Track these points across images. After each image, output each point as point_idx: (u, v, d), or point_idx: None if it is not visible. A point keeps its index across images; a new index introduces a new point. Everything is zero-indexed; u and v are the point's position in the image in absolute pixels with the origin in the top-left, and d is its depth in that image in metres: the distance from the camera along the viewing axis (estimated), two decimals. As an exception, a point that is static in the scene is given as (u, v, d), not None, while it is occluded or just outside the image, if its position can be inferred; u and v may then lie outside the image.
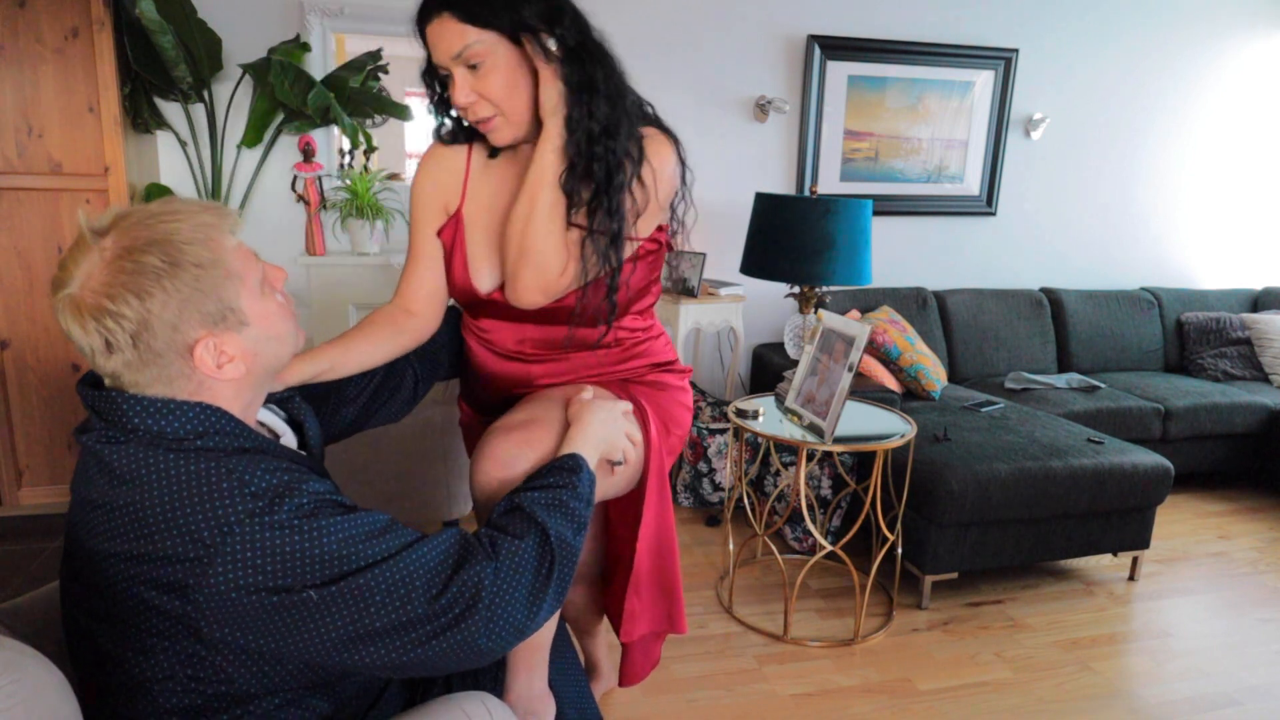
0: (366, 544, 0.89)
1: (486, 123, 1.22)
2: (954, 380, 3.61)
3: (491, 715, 1.06)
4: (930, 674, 2.16)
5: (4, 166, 2.51)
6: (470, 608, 0.90)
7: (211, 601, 0.84)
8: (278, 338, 0.99)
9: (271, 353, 0.98)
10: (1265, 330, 3.72)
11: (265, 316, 0.96)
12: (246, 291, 0.94)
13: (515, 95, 1.20)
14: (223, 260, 0.91)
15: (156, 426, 0.88)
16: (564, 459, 1.10)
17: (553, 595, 0.99)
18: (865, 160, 3.71)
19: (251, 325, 0.94)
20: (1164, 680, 2.17)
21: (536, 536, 0.98)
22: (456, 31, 1.14)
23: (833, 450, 2.20)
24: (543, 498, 1.03)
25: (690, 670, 2.13)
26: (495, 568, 0.93)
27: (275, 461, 0.91)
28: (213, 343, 0.91)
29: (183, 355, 0.90)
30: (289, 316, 1.01)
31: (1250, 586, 2.70)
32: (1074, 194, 4.05)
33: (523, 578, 0.95)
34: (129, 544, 0.84)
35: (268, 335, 0.97)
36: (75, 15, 2.46)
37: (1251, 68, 4.13)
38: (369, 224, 3.06)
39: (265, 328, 0.96)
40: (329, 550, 0.86)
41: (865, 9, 3.54)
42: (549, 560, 0.98)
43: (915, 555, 2.49)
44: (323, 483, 0.93)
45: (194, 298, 0.88)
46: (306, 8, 2.98)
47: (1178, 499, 3.40)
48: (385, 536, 0.91)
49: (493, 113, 1.21)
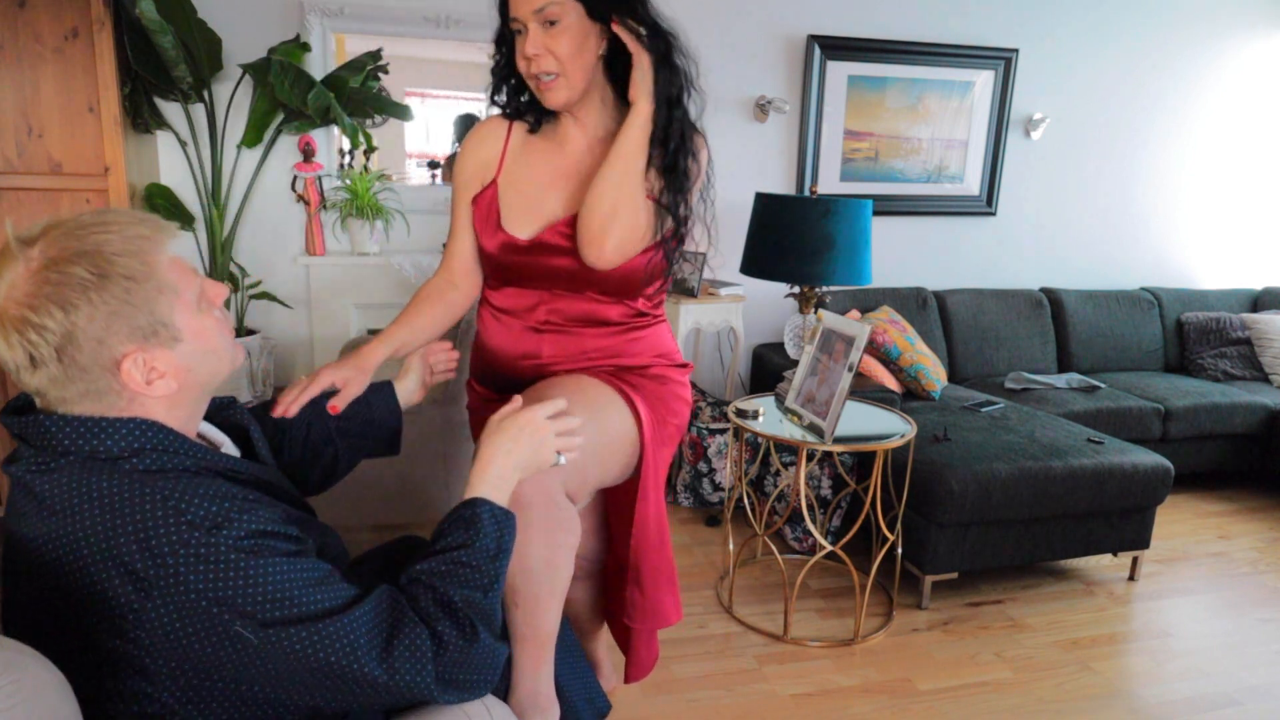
0: (305, 591, 0.86)
1: (547, 81, 1.30)
2: (954, 380, 3.61)
3: (491, 715, 1.06)
4: (930, 674, 2.16)
5: (4, 166, 2.51)
6: (419, 667, 0.89)
7: (153, 637, 0.82)
8: (214, 353, 0.96)
9: (207, 369, 0.96)
10: (1265, 330, 3.72)
11: (201, 332, 0.94)
12: (181, 306, 0.91)
13: (578, 59, 1.29)
14: (156, 274, 0.88)
15: (89, 446, 0.85)
16: (460, 511, 1.03)
17: (486, 644, 0.96)
18: (865, 160, 3.71)
19: (185, 341, 0.92)
20: (1164, 680, 2.17)
21: (443, 610, 0.94)
22: None
23: (833, 450, 2.20)
24: (439, 566, 0.97)
25: (690, 670, 2.13)
26: (430, 635, 0.92)
27: (216, 485, 0.88)
28: (141, 358, 0.88)
29: (109, 370, 0.87)
30: (226, 333, 0.99)
31: (1250, 586, 2.70)
32: (1074, 194, 4.05)
33: (451, 651, 0.93)
34: (64, 579, 0.82)
35: (203, 350, 0.94)
36: (75, 15, 2.46)
37: (1251, 68, 4.13)
38: (369, 224, 3.06)
39: (200, 343, 0.93)
40: (266, 592, 0.83)
41: (865, 9, 3.54)
42: (467, 624, 0.95)
43: (915, 555, 2.49)
44: (271, 509, 0.90)
45: (123, 311, 0.86)
46: (306, 8, 2.98)
47: (1178, 499, 3.40)
48: (323, 587, 0.88)
49: (555, 70, 1.29)
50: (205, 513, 0.84)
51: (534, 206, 1.40)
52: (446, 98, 3.32)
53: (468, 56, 3.27)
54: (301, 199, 3.09)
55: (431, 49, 3.22)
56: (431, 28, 3.12)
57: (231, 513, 0.85)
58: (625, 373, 1.44)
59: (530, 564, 1.21)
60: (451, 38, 3.16)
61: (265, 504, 0.91)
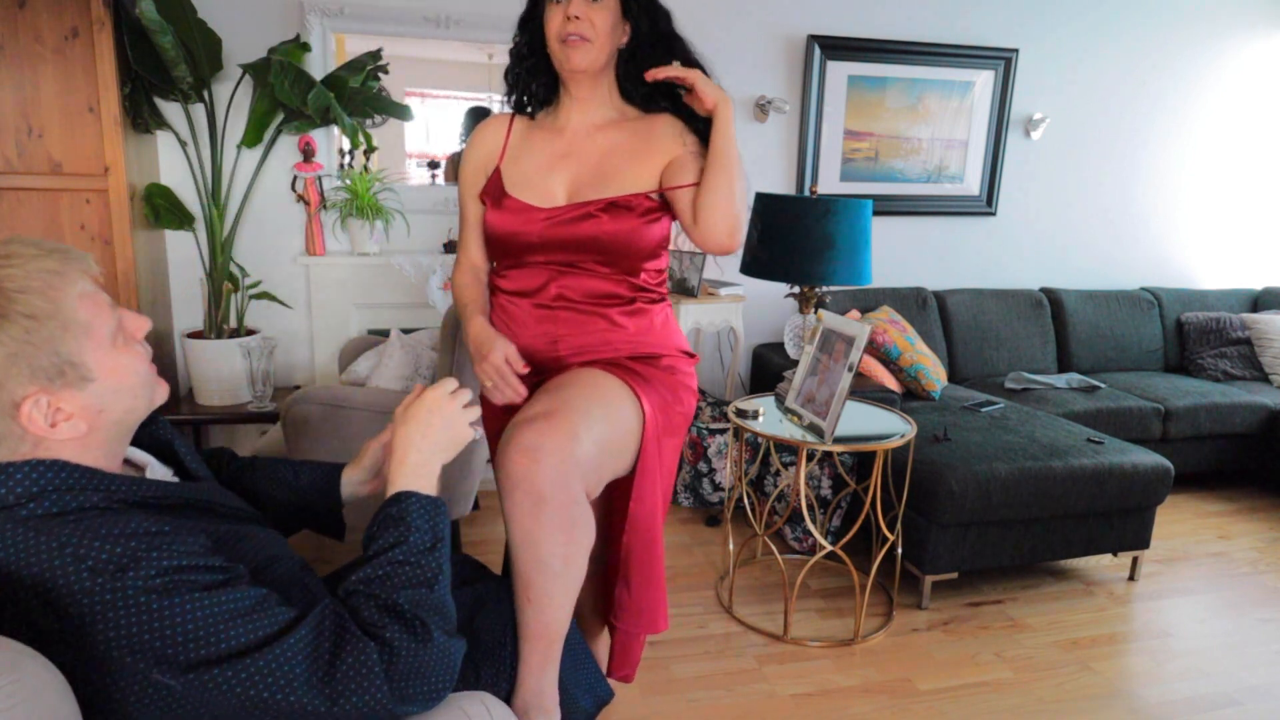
0: (230, 626, 0.81)
1: (578, 41, 1.42)
2: (954, 380, 3.61)
3: (491, 715, 1.06)
4: (930, 674, 2.16)
5: (4, 166, 2.51)
6: (368, 685, 0.85)
7: (82, 691, 0.78)
8: (129, 391, 0.91)
9: (121, 407, 0.90)
10: (1265, 330, 3.72)
11: (115, 370, 0.88)
12: (93, 344, 0.86)
13: (608, 35, 1.44)
14: (62, 311, 0.83)
15: None
16: (387, 510, 1.00)
17: (440, 643, 0.93)
18: (865, 160, 3.71)
19: (97, 380, 0.87)
20: (1164, 680, 2.17)
21: (390, 615, 0.91)
22: None
23: (833, 450, 2.20)
24: (376, 571, 0.94)
25: (690, 670, 2.13)
26: (379, 648, 0.88)
27: (125, 521, 0.82)
28: (44, 400, 0.84)
29: (8, 413, 0.82)
30: (144, 368, 0.93)
31: (1250, 586, 2.70)
32: (1074, 194, 4.05)
33: (404, 658, 0.89)
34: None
35: (116, 389, 0.89)
36: (75, 15, 2.46)
37: (1251, 68, 4.13)
38: (369, 224, 3.06)
39: (114, 381, 0.88)
40: (185, 632, 0.79)
41: (865, 9, 3.54)
42: (418, 625, 0.91)
43: (915, 555, 2.49)
44: (191, 537, 0.85)
45: (23, 352, 0.81)
46: (306, 8, 2.98)
47: (1178, 499, 3.40)
48: (251, 617, 0.83)
49: (590, 36, 1.42)
50: (109, 555, 0.79)
51: (537, 184, 1.50)
52: (446, 98, 3.32)
53: (468, 56, 3.27)
54: (301, 199, 3.09)
55: (431, 49, 3.22)
56: (431, 28, 3.12)
57: (139, 551, 0.80)
58: (638, 362, 1.47)
59: (547, 560, 1.21)
60: (451, 38, 3.16)
61: (184, 532, 0.86)
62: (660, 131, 1.50)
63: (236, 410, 2.87)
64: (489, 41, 3.22)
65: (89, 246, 2.62)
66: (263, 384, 2.85)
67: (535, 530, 1.20)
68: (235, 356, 2.87)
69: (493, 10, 3.16)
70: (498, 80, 3.40)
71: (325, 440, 2.21)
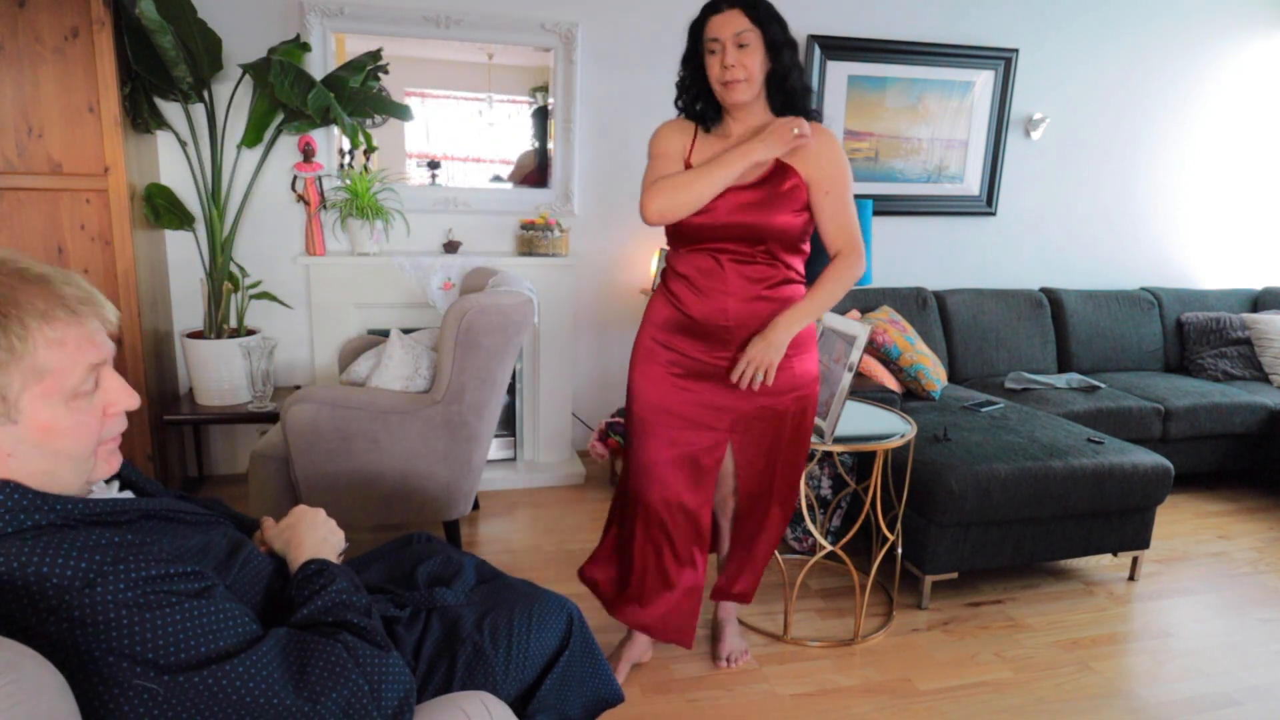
0: (205, 631, 0.83)
1: (735, 83, 1.76)
2: (954, 380, 3.61)
3: (491, 715, 1.06)
4: (930, 674, 2.16)
5: (4, 166, 2.51)
6: (343, 679, 0.89)
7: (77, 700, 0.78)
8: (54, 453, 0.85)
9: (34, 466, 0.84)
10: (1265, 330, 3.72)
11: (44, 426, 0.84)
12: (39, 391, 0.83)
13: (758, 72, 1.77)
14: (28, 347, 0.81)
15: None
16: (306, 568, 1.09)
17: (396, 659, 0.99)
18: (865, 160, 3.71)
19: (19, 425, 0.83)
20: (1164, 680, 2.17)
21: (346, 629, 0.98)
22: (740, 19, 1.74)
23: (833, 450, 2.20)
24: (321, 604, 1.01)
25: (690, 670, 2.13)
26: (344, 648, 0.93)
27: (87, 537, 0.82)
28: None
29: None
30: (87, 440, 0.88)
31: (1250, 586, 2.70)
32: (1074, 194, 4.05)
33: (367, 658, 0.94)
34: None
35: (36, 444, 0.84)
36: (75, 15, 2.46)
37: (1251, 68, 4.13)
38: (369, 224, 3.06)
39: (37, 436, 0.84)
40: (164, 635, 0.80)
41: (865, 9, 3.54)
42: (377, 635, 0.99)
43: (915, 555, 2.49)
44: (155, 550, 0.85)
45: None
46: (306, 8, 2.98)
47: (1178, 499, 3.40)
48: (223, 624, 0.85)
49: (743, 76, 1.75)
50: (74, 571, 0.78)
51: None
52: (446, 98, 3.32)
53: (468, 56, 3.27)
54: (301, 199, 3.09)
55: (431, 49, 3.22)
56: (431, 28, 3.12)
57: (105, 565, 0.80)
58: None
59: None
60: (451, 38, 3.16)
61: (149, 545, 0.86)
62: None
63: (236, 410, 2.87)
64: (489, 41, 3.22)
65: (89, 246, 2.62)
66: (263, 384, 2.85)
67: None
68: (235, 356, 2.87)
69: (493, 10, 3.16)
70: (498, 80, 3.42)
71: (325, 440, 2.21)
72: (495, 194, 3.39)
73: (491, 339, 2.24)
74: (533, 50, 3.28)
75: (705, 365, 1.89)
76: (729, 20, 1.74)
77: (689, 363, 1.90)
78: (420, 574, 1.37)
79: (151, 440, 2.78)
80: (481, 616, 1.28)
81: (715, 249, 1.84)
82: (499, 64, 3.30)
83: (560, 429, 3.44)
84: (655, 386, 1.92)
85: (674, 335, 1.91)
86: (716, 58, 1.76)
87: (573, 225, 3.42)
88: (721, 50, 1.75)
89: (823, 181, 1.82)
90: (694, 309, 1.86)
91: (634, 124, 3.37)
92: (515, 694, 1.26)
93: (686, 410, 1.91)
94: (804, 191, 1.82)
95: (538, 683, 1.30)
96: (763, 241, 1.82)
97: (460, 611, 1.29)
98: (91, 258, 2.63)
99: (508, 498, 3.22)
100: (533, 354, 3.34)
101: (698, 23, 1.79)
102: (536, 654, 1.29)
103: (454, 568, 1.42)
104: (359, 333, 3.16)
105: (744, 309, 1.84)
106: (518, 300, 2.29)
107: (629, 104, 3.37)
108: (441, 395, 2.26)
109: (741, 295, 1.83)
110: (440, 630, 1.25)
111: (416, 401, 2.27)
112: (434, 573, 1.39)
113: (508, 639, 1.26)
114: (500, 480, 3.29)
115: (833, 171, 1.82)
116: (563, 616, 1.35)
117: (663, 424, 1.91)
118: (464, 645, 1.23)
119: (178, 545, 0.93)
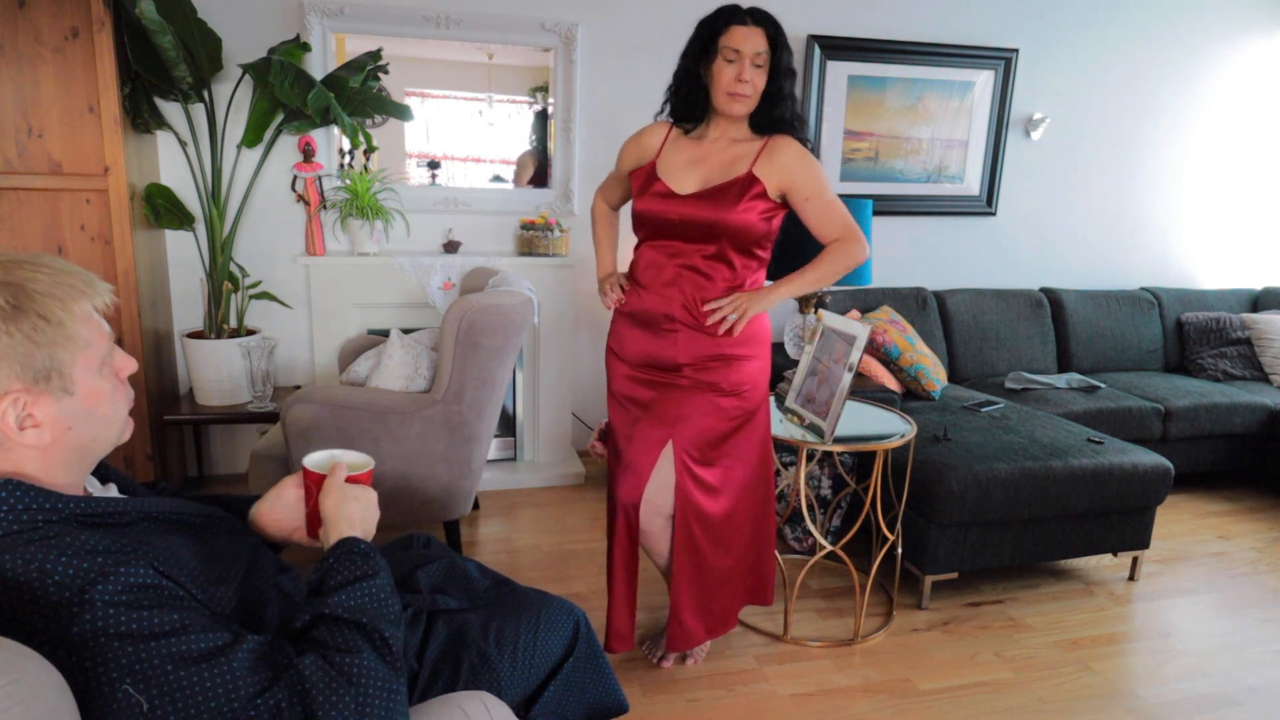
0: (184, 640, 0.83)
1: (742, 96, 1.83)
2: (954, 380, 3.61)
3: (491, 715, 1.06)
4: (930, 674, 2.16)
5: (4, 166, 2.51)
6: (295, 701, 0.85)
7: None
8: (101, 419, 0.94)
9: (88, 432, 0.93)
10: (1265, 330, 3.72)
11: (95, 393, 0.92)
12: (84, 362, 0.91)
13: (760, 90, 1.85)
14: (69, 322, 0.89)
15: None
16: (348, 544, 1.02)
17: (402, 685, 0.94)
18: (865, 160, 3.71)
19: (75, 397, 0.91)
20: (1164, 680, 2.17)
21: (367, 641, 0.92)
22: (762, 40, 1.81)
23: (833, 450, 2.20)
24: (351, 599, 0.95)
25: (690, 670, 2.13)
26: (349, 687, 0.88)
27: (86, 538, 0.84)
28: (23, 400, 0.87)
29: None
30: (120, 404, 0.97)
31: (1250, 586, 2.70)
32: (1074, 194, 4.05)
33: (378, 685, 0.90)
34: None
35: (89, 412, 0.92)
36: (75, 15, 2.46)
37: (1251, 68, 4.13)
38: (369, 224, 3.06)
39: (90, 404, 0.92)
40: (153, 645, 0.81)
41: (865, 9, 3.54)
42: (388, 655, 0.93)
43: (915, 555, 2.49)
44: (149, 556, 0.87)
45: (23, 347, 0.85)
46: (306, 8, 2.98)
47: (1178, 499, 3.40)
48: (207, 632, 0.85)
49: (751, 94, 1.83)
50: (75, 571, 0.80)
51: (677, 178, 1.91)
52: (446, 98, 3.32)
53: (468, 56, 3.27)
54: (301, 199, 3.09)
55: (431, 49, 3.22)
56: (431, 28, 3.12)
57: (106, 567, 0.82)
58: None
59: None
60: (451, 38, 3.16)
61: (145, 549, 0.88)
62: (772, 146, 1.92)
63: (236, 410, 2.87)
64: (489, 41, 3.22)
65: (89, 246, 2.62)
66: (263, 384, 2.85)
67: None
68: (235, 356, 2.87)
69: (493, 10, 3.16)
70: (498, 80, 3.42)
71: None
72: (495, 194, 3.39)
73: (491, 339, 2.24)
74: (533, 50, 3.29)
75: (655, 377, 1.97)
76: (752, 37, 1.79)
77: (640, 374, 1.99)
78: (421, 578, 1.36)
79: (151, 440, 2.78)
80: (488, 622, 1.28)
81: (667, 245, 1.91)
82: (499, 64, 3.30)
83: (560, 429, 3.44)
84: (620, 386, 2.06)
85: (626, 329, 2.00)
86: (733, 67, 1.80)
87: (573, 225, 3.42)
88: (739, 62, 1.79)
89: (800, 190, 1.86)
90: (642, 303, 1.94)
91: (634, 124, 3.33)
92: (518, 700, 1.26)
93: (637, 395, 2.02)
94: (768, 197, 1.85)
95: (541, 688, 1.29)
96: (716, 240, 1.85)
97: (466, 617, 1.29)
98: (91, 258, 2.63)
99: (508, 498, 3.22)
100: (533, 354, 3.34)
101: (716, 26, 1.82)
102: (542, 660, 1.29)
103: (458, 573, 1.41)
104: (359, 333, 3.16)
105: (685, 314, 1.89)
106: (518, 300, 2.29)
107: (629, 104, 3.37)
108: (441, 395, 2.26)
109: (683, 297, 1.89)
110: (446, 635, 1.24)
111: (416, 402, 2.27)
112: (437, 583, 1.38)
113: (514, 645, 1.26)
114: (500, 480, 3.29)
115: (805, 179, 1.85)
116: (570, 622, 1.35)
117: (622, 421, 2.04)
118: (469, 650, 1.22)
119: (176, 549, 0.93)
